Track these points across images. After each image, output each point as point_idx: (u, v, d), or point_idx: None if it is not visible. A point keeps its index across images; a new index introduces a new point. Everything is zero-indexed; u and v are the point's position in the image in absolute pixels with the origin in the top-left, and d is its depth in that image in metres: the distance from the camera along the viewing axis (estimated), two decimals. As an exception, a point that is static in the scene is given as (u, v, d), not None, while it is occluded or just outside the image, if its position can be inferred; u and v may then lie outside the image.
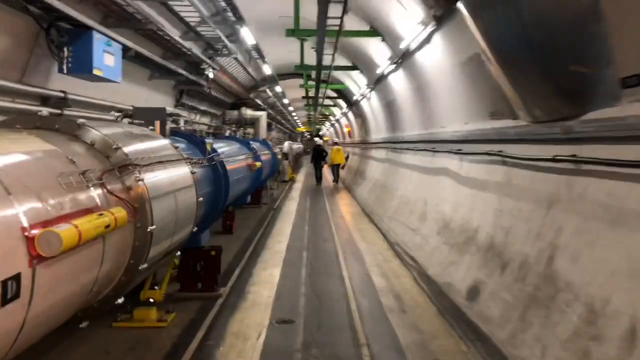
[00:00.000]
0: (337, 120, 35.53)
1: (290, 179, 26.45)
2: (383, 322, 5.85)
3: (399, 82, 11.46)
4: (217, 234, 11.09)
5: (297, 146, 44.41)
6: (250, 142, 11.69)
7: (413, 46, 8.62)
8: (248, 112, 17.54)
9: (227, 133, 16.05)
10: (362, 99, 18.13)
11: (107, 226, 2.83)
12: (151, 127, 5.58)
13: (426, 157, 10.04)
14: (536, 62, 4.54)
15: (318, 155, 24.59)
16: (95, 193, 3.11)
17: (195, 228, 5.12)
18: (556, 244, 4.60)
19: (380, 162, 16.24)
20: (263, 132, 17.64)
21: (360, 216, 14.24)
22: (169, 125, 6.96)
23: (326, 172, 27.75)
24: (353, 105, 21.81)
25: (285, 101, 30.64)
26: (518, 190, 5.68)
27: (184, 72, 11.57)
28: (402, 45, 8.85)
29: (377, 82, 13.63)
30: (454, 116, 8.16)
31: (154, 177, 3.94)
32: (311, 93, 24.74)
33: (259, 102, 24.20)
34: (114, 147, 3.60)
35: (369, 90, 15.68)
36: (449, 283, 6.50)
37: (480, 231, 6.43)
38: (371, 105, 17.14)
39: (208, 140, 6.69)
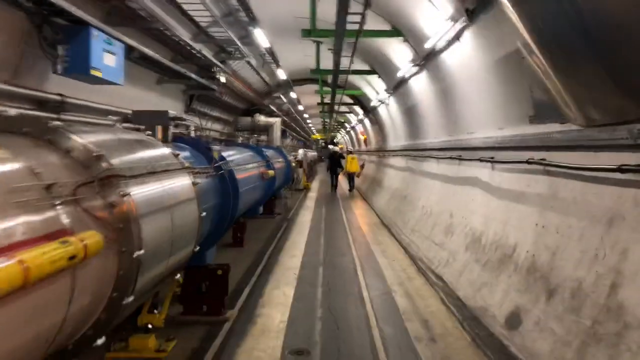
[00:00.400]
0: (353, 128, 34.90)
1: (305, 188, 25.84)
2: (411, 355, 5.15)
3: (421, 85, 10.79)
4: (227, 246, 10.48)
5: (312, 154, 43.87)
6: (264, 150, 11.10)
7: (440, 45, 7.96)
8: (261, 119, 16.98)
9: (240, 140, 15.49)
10: (379, 105, 17.48)
11: (73, 257, 2.21)
12: (148, 133, 5.00)
13: (451, 165, 9.33)
14: (595, 54, 3.84)
15: (334, 163, 24.25)
16: (64, 213, 2.50)
17: (198, 247, 4.50)
18: (621, 269, 3.88)
19: (399, 171, 15.54)
20: (277, 139, 17.06)
21: (379, 227, 13.54)
22: (173, 130, 6.37)
23: (341, 180, 27.19)
24: (370, 112, 21.17)
25: (300, 108, 30.10)
26: (566, 204, 4.96)
27: (194, 76, 11.03)
28: (428, 45, 8.19)
29: (397, 86, 12.96)
30: (485, 121, 7.46)
31: (144, 191, 3.32)
32: (327, 99, 24.17)
33: (273, 108, 23.68)
34: (95, 155, 2.99)
35: (387, 95, 15.03)
36: (484, 307, 5.78)
37: (518, 249, 5.71)
38: (389, 111, 16.47)
39: (215, 148, 6.08)
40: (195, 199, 4.32)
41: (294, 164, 16.69)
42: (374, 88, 16.85)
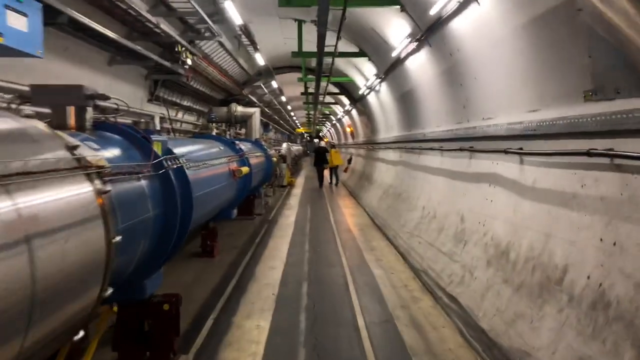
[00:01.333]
0: (339, 120, 33.33)
1: (289, 184, 24.22)
2: None
3: (420, 65, 9.24)
4: (195, 257, 8.88)
5: (297, 148, 42.24)
6: (237, 143, 9.46)
7: (449, 9, 6.40)
8: (239, 109, 15.32)
9: (214, 133, 13.83)
10: (369, 93, 15.92)
11: None
12: (47, 120, 3.38)
13: (459, 159, 7.81)
14: None
15: (320, 157, 23.68)
16: None
17: (110, 289, 2.90)
18: None
19: (392, 165, 14.02)
20: (256, 132, 15.43)
21: (371, 229, 12.01)
22: (124, 119, 4.74)
23: (326, 174, 25.74)
24: (358, 101, 19.60)
25: (283, 99, 28.45)
26: (655, 213, 3.45)
27: (154, 57, 9.36)
28: (433, 11, 6.62)
29: (390, 69, 11.41)
30: (508, 103, 5.94)
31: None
32: (311, 89, 22.55)
33: (253, 99, 22.02)
34: None
35: (378, 81, 13.47)
36: (524, 351, 4.26)
37: (572, 273, 4.20)
38: (380, 99, 14.93)
39: (158, 138, 4.46)
40: (99, 216, 2.72)
41: (275, 159, 15.05)
42: (363, 74, 15.27)
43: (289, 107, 36.71)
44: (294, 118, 47.64)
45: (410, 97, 10.89)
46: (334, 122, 38.80)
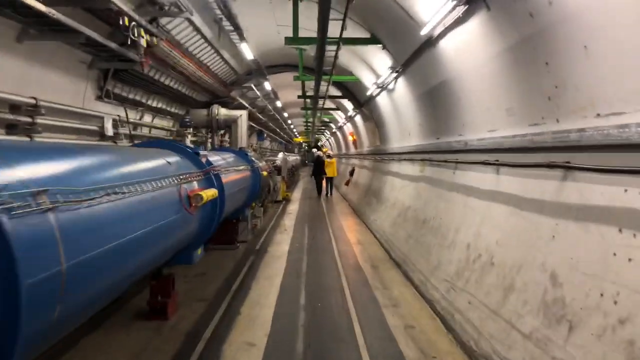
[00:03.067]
0: (340, 128, 30.62)
1: (284, 199, 21.45)
2: None
3: (466, 42, 6.52)
4: (140, 318, 6.10)
5: (294, 158, 39.47)
6: (205, 154, 6.67)
7: None
8: (221, 112, 12.60)
9: (188, 142, 11.07)
10: (378, 94, 13.21)
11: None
12: None
13: (539, 180, 5.07)
14: None
15: (318, 167, 23.81)
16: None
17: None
18: None
19: (411, 182, 11.25)
20: (243, 139, 12.70)
21: (387, 266, 9.23)
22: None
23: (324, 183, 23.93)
24: (363, 105, 16.90)
25: (279, 104, 25.74)
26: None
27: (87, 32, 6.62)
28: None
29: (413, 58, 8.72)
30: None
31: None
32: (310, 92, 19.85)
33: (244, 103, 19.32)
34: None
35: (393, 76, 10.76)
36: None
37: None
38: (394, 100, 12.22)
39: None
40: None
41: (265, 173, 12.26)
42: (373, 69, 12.56)
43: (286, 115, 34.02)
44: (292, 126, 44.99)
45: (442, 92, 8.16)
46: (333, 130, 36.09)
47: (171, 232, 4.72)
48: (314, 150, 34.89)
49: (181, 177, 5.09)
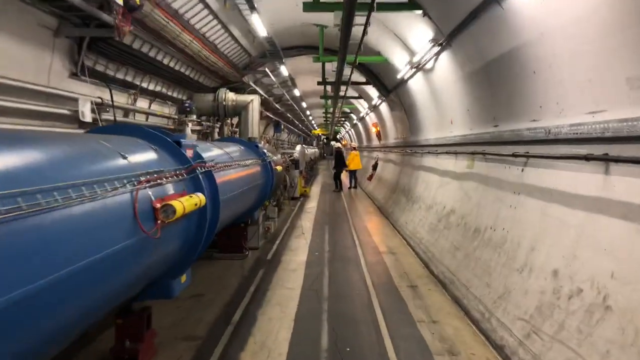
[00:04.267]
0: (361, 119, 28.69)
1: (302, 195, 19.70)
2: None
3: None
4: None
5: (312, 151, 37.65)
6: (191, 144, 4.84)
7: None
8: (229, 96, 10.85)
9: (189, 131, 9.36)
10: (412, 75, 11.31)
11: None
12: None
13: None
14: None
15: (339, 160, 23.36)
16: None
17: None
18: None
19: (453, 180, 9.36)
20: (254, 128, 10.95)
21: (427, 284, 7.41)
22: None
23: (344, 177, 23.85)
24: (391, 91, 14.99)
25: (296, 93, 23.92)
26: None
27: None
28: None
29: (468, 21, 6.83)
30: None
31: None
32: (331, 78, 18.01)
33: (259, 90, 17.57)
34: None
35: (435, 50, 8.86)
36: None
37: None
38: (431, 82, 10.34)
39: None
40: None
41: (280, 168, 10.47)
42: (407, 46, 10.65)
43: (304, 105, 32.23)
44: (310, 118, 43.18)
45: (506, 65, 6.27)
46: (354, 121, 34.14)
47: (121, 264, 2.97)
48: (333, 143, 33.06)
49: (142, 178, 3.33)
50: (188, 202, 3.65)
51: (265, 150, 9.56)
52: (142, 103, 10.31)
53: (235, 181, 6.45)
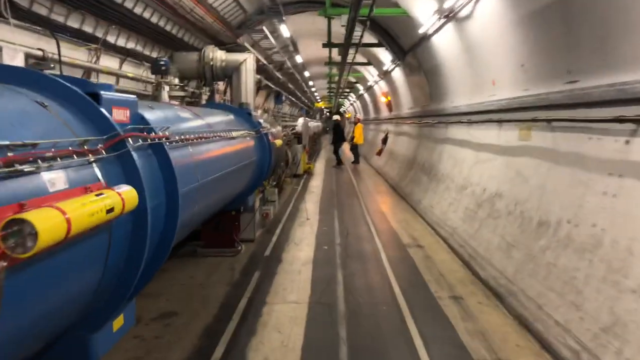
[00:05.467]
0: (369, 89, 26.56)
1: (306, 172, 17.85)
2: None
3: None
4: None
5: (315, 124, 35.58)
6: (159, 109, 3.00)
7: None
8: (218, 56, 8.88)
9: (165, 95, 7.46)
10: (439, 28, 9.31)
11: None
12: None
13: None
14: None
15: (338, 134, 22.52)
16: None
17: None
18: None
19: (497, 155, 7.45)
20: (248, 93, 9.00)
21: (475, 293, 5.61)
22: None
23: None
24: (408, 52, 12.95)
25: (298, 59, 21.83)
26: None
27: None
28: None
29: None
30: None
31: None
32: (337, 39, 15.95)
33: (257, 55, 15.57)
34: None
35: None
36: None
37: None
38: (466, 33, 8.37)
39: None
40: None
41: (279, 142, 8.55)
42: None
43: (307, 74, 30.10)
44: (313, 89, 41.03)
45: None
46: (360, 92, 31.98)
47: None
48: (336, 116, 30.97)
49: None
50: (86, 209, 1.81)
51: (260, 120, 7.66)
52: (111, 62, 8.40)
53: (215, 160, 4.58)
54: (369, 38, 14.55)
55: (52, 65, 5.93)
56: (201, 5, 10.07)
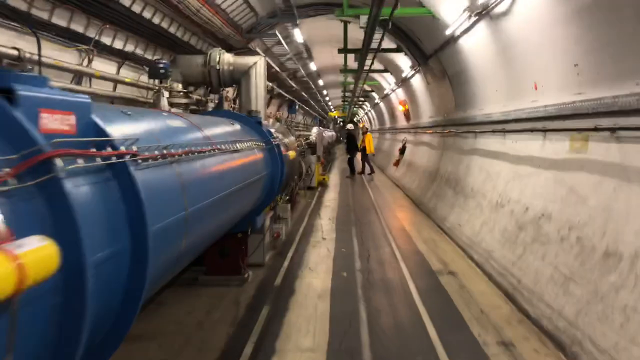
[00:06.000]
0: (385, 97, 25.63)
1: (320, 184, 16.95)
2: None
3: None
4: None
5: (330, 134, 34.71)
6: (138, 114, 2.20)
7: None
8: (225, 59, 8.04)
9: (164, 102, 6.65)
10: (469, 28, 8.40)
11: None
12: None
13: None
14: None
15: (351, 143, 21.51)
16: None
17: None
18: None
19: (541, 169, 6.48)
20: (258, 101, 8.13)
21: (530, 342, 4.62)
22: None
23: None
24: (431, 57, 12.04)
25: (312, 67, 21.05)
26: None
27: None
28: None
29: None
30: None
31: None
32: (353, 45, 15.12)
33: (269, 61, 14.81)
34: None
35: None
36: None
37: None
38: (502, 33, 7.46)
39: None
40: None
41: (292, 154, 7.66)
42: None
43: (321, 83, 29.32)
44: (327, 98, 40.25)
45: None
46: (376, 101, 31.06)
47: None
48: (349, 126, 30.00)
49: None
50: None
51: (271, 130, 6.80)
52: (107, 66, 7.61)
53: (213, 178, 3.71)
54: (388, 43, 13.65)
55: (30, 67, 5.12)
56: (208, 6, 9.30)
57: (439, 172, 12.53)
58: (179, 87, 7.95)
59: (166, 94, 6.87)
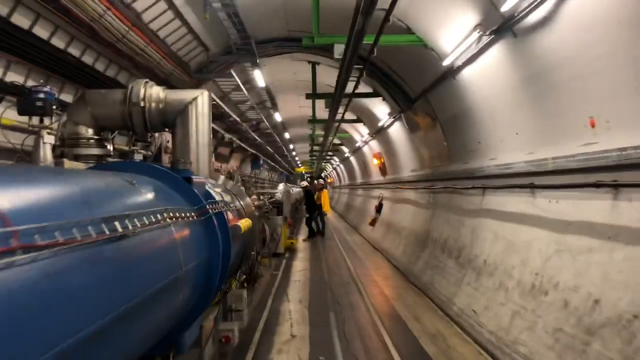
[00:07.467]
0: (356, 150, 23.78)
1: (288, 249, 14.57)
2: None
3: None
4: None
5: (297, 190, 32.51)
6: None
7: None
8: (154, 93, 5.82)
9: (48, 153, 4.34)
10: (483, 49, 6.47)
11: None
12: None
13: None
14: None
15: (310, 201, 19.44)
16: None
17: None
18: None
19: (612, 242, 4.39)
20: (199, 150, 5.87)
21: None
22: None
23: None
24: (417, 100, 10.12)
25: (278, 118, 19.08)
26: None
27: None
28: None
29: None
30: None
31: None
32: (322, 90, 13.27)
33: (226, 109, 12.77)
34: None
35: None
36: None
37: None
38: (529, 55, 5.55)
39: None
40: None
41: (245, 222, 5.34)
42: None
43: (287, 136, 27.43)
44: (293, 153, 38.40)
45: None
46: (346, 155, 29.21)
47: None
48: (303, 182, 27.60)
49: None
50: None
51: (213, 190, 4.50)
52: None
53: (50, 310, 1.41)
54: (364, 87, 11.72)
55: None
56: (138, 30, 7.18)
57: (430, 235, 10.37)
58: (89, 132, 5.65)
59: (50, 139, 4.55)
